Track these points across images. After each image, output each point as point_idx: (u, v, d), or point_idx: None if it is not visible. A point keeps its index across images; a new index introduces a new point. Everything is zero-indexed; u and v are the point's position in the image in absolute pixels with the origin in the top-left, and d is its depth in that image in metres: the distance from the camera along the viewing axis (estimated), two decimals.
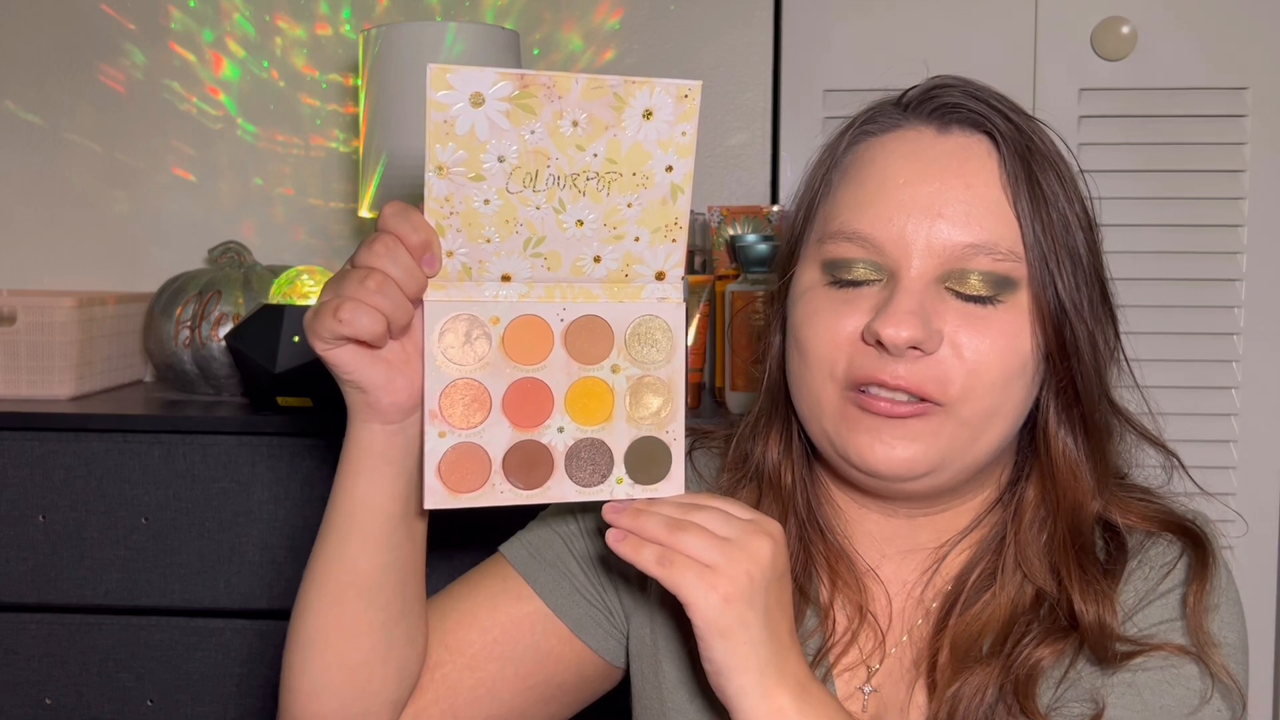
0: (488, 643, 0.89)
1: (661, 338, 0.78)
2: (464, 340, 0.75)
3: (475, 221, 0.73)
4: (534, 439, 0.76)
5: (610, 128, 0.73)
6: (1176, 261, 1.71)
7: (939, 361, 0.78)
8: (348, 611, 0.80)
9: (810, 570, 0.87)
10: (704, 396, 1.53)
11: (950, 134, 0.81)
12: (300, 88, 1.81)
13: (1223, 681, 0.77)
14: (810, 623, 0.86)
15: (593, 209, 0.75)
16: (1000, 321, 0.79)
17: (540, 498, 0.76)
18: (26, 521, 1.33)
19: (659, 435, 0.78)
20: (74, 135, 1.81)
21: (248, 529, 1.33)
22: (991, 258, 0.78)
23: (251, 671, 1.34)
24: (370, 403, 0.76)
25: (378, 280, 0.71)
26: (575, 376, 0.77)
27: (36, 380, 1.45)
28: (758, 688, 0.72)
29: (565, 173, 0.73)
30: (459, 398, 0.75)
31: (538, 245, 0.75)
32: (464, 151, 0.71)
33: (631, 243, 0.76)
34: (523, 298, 0.76)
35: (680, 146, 0.75)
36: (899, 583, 0.87)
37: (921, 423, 0.79)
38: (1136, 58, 1.72)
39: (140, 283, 1.76)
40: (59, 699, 1.35)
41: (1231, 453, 1.72)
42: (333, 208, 1.81)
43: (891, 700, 0.85)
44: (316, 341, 0.73)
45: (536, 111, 0.71)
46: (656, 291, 0.78)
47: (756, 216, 1.65)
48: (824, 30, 1.75)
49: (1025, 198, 0.79)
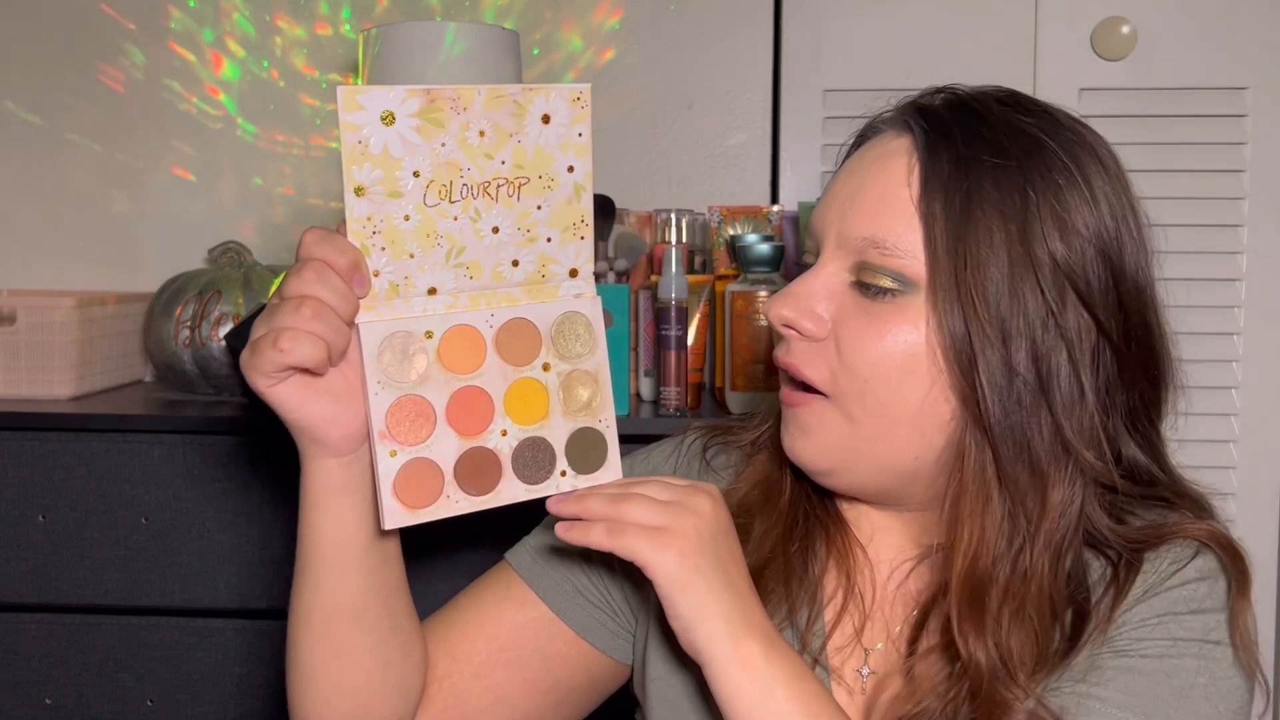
0: (494, 650, 0.89)
1: (584, 332, 0.81)
2: (402, 357, 0.76)
3: (398, 239, 0.75)
4: (480, 445, 0.78)
5: (514, 134, 0.76)
6: (1176, 261, 1.71)
7: (822, 349, 0.80)
8: (337, 640, 0.81)
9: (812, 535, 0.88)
10: (704, 396, 1.53)
11: (895, 138, 0.82)
12: (300, 88, 1.81)
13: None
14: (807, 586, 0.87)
15: (506, 215, 0.77)
16: (888, 318, 0.78)
17: (493, 502, 0.78)
18: (26, 521, 1.33)
19: (593, 425, 0.80)
20: (74, 135, 1.81)
21: (248, 529, 1.33)
22: (880, 252, 0.78)
23: (251, 671, 1.34)
24: (320, 439, 0.75)
25: (313, 306, 0.71)
26: (511, 379, 0.79)
27: (36, 380, 1.45)
28: (726, 636, 0.73)
29: (477, 182, 0.76)
30: (404, 415, 0.76)
31: (459, 255, 0.77)
32: (380, 170, 0.73)
33: (545, 244, 0.79)
34: (450, 309, 0.78)
35: (578, 147, 0.78)
36: (892, 562, 0.87)
37: (808, 412, 0.81)
38: (1136, 58, 1.72)
39: (140, 283, 1.77)
40: (59, 699, 1.35)
41: (1231, 453, 1.72)
42: (333, 208, 1.81)
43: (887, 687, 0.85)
44: (259, 379, 0.72)
45: (445, 124, 0.74)
46: (572, 289, 0.81)
47: (756, 216, 1.65)
48: (824, 30, 1.76)
49: (940, 201, 0.77)
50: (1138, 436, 0.83)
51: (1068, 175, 0.78)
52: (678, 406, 1.38)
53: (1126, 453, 0.82)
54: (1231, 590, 0.78)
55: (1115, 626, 0.78)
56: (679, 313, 1.38)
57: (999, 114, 0.80)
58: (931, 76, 0.90)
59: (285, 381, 0.73)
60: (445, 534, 0.89)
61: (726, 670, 0.73)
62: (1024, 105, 0.82)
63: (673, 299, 1.37)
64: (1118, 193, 0.81)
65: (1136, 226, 0.81)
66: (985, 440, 0.76)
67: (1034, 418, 0.76)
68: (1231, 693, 0.77)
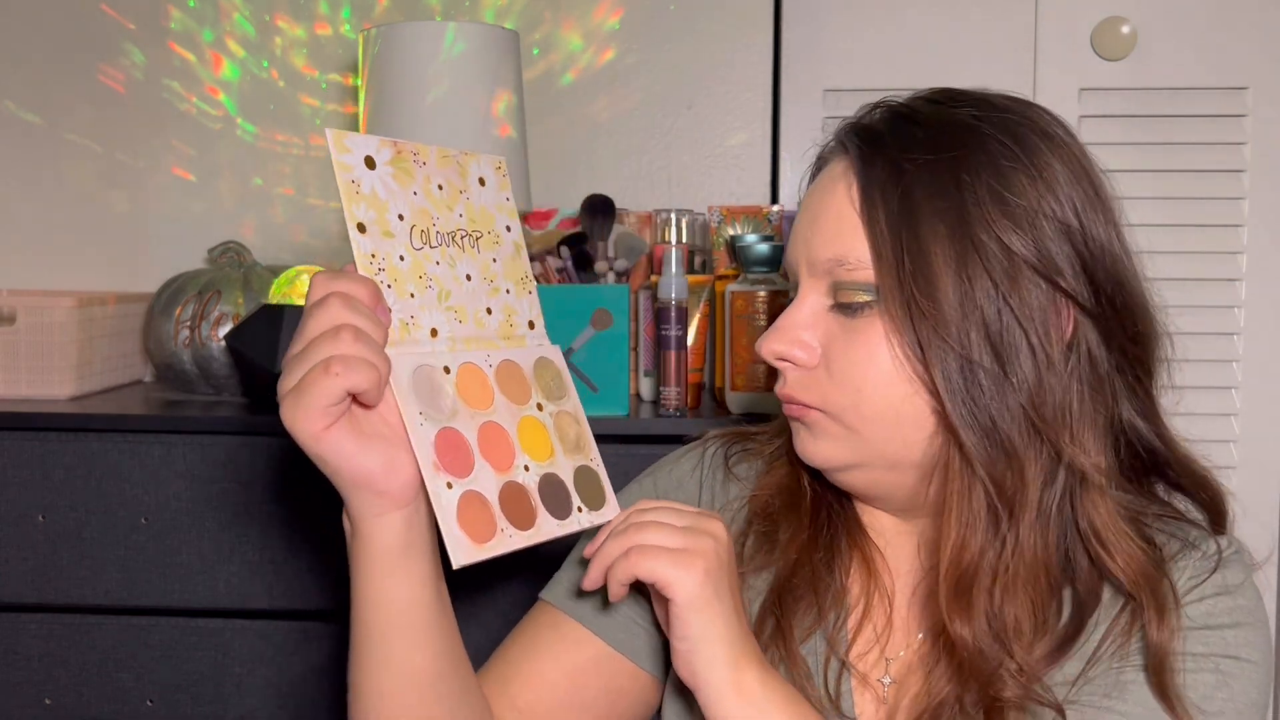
0: (558, 694, 0.88)
1: (554, 378, 0.83)
2: (431, 390, 0.74)
3: (399, 278, 0.75)
4: (513, 480, 0.77)
5: (463, 192, 0.80)
6: (1176, 261, 1.71)
7: (816, 375, 0.82)
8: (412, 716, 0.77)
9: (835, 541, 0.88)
10: (704, 397, 1.53)
11: (837, 162, 0.84)
12: (300, 88, 1.81)
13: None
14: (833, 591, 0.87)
15: (472, 264, 0.80)
16: (864, 332, 0.80)
17: (536, 538, 0.76)
18: (26, 521, 1.33)
19: (588, 463, 0.82)
20: (74, 135, 1.81)
21: (248, 529, 1.33)
22: (848, 268, 0.80)
23: (251, 671, 1.34)
24: (382, 490, 0.71)
25: (352, 332, 0.67)
26: (518, 416, 0.80)
27: (36, 380, 1.45)
28: (727, 660, 0.74)
29: (445, 230, 0.78)
30: (448, 447, 0.73)
31: (447, 299, 0.78)
32: (373, 211, 0.74)
33: (505, 294, 0.82)
34: (450, 350, 0.78)
35: (508, 209, 0.83)
36: (909, 571, 0.88)
37: (820, 423, 0.82)
38: (1136, 58, 1.72)
39: (140, 283, 1.77)
40: (59, 699, 1.35)
41: (1231, 453, 1.72)
42: (333, 208, 1.81)
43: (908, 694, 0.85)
44: (309, 424, 0.68)
45: (413, 175, 0.77)
46: (535, 338, 0.84)
47: (756, 216, 1.65)
48: (824, 30, 1.76)
49: (879, 208, 0.78)
50: (1132, 398, 0.84)
51: (1008, 154, 0.78)
52: (678, 406, 1.37)
53: (1124, 415, 0.83)
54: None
55: (1135, 640, 0.78)
56: (679, 313, 1.38)
57: (929, 112, 0.81)
58: (931, 77, 0.91)
59: (335, 426, 0.69)
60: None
61: (723, 694, 0.75)
62: (957, 98, 0.83)
63: (673, 299, 1.37)
64: (1067, 161, 0.80)
65: (1093, 189, 0.81)
66: (956, 431, 0.77)
67: (998, 400, 0.76)
68: (1248, 709, 0.77)
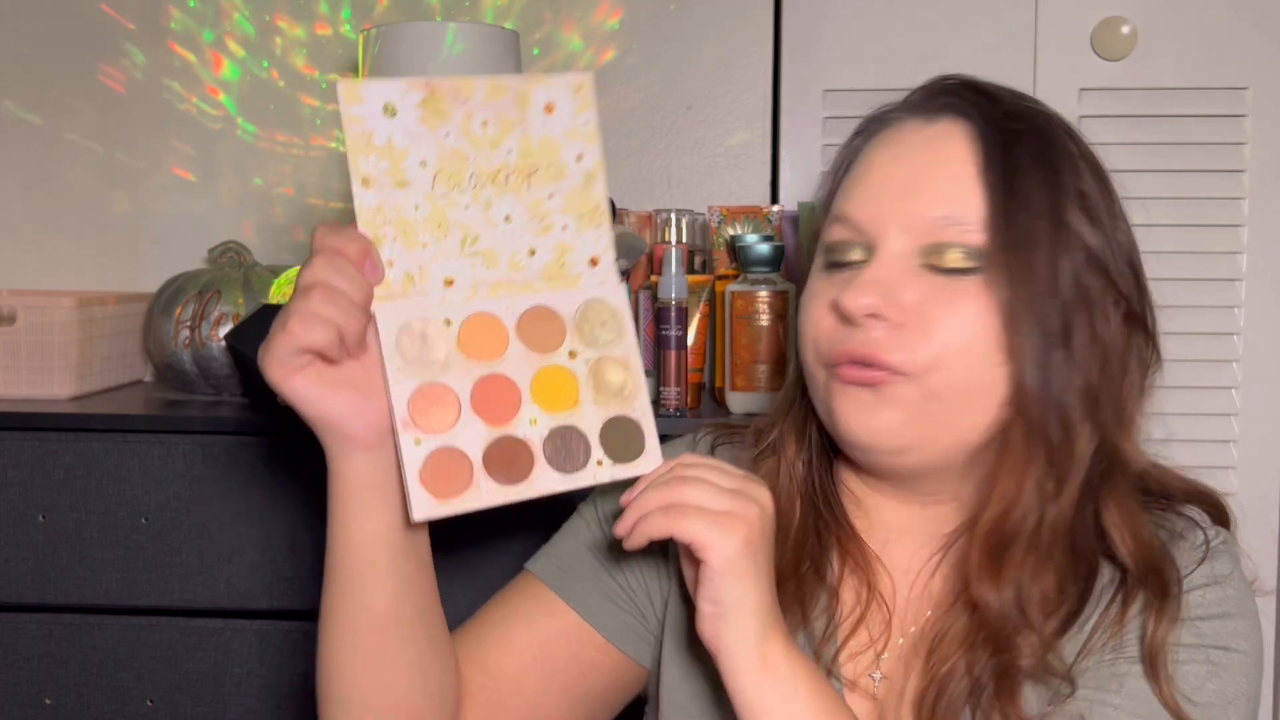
0: (527, 661, 0.89)
1: (609, 318, 0.79)
2: (421, 345, 0.75)
3: (409, 229, 0.74)
4: (509, 434, 0.76)
5: (518, 124, 0.75)
6: (1176, 261, 1.71)
7: (906, 332, 0.79)
8: (373, 651, 0.79)
9: (824, 552, 0.88)
10: (704, 396, 1.53)
11: (935, 122, 0.84)
12: (300, 88, 1.81)
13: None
14: (822, 601, 0.87)
15: (517, 203, 0.76)
16: (970, 295, 0.79)
17: (526, 492, 0.76)
18: (26, 521, 1.33)
19: (627, 413, 0.78)
20: (74, 135, 1.81)
21: (248, 529, 1.33)
22: (961, 229, 0.79)
23: (251, 671, 1.34)
24: (345, 433, 0.75)
25: (321, 291, 0.71)
26: (536, 366, 0.77)
27: (36, 380, 1.45)
28: (757, 631, 0.73)
29: (485, 170, 0.75)
30: (427, 403, 0.74)
31: (473, 244, 0.76)
32: (386, 161, 0.73)
33: (560, 232, 0.78)
34: (468, 299, 0.76)
35: (585, 135, 0.77)
36: (908, 571, 0.88)
37: (891, 389, 0.79)
38: (1136, 58, 1.72)
39: (140, 283, 1.76)
40: (59, 699, 1.35)
41: (1231, 453, 1.72)
42: (333, 208, 1.81)
43: (898, 687, 0.85)
44: (275, 369, 0.73)
45: (447, 115, 0.74)
46: (594, 278, 0.79)
47: (756, 216, 1.65)
48: (824, 30, 1.76)
49: (1000, 176, 0.80)
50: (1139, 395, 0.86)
51: (1072, 146, 0.84)
52: (678, 406, 1.38)
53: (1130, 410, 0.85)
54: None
55: (1127, 631, 0.79)
56: (679, 313, 1.38)
57: (1009, 96, 0.85)
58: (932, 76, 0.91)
59: (302, 373, 0.73)
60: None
61: (747, 666, 0.73)
62: (1014, 90, 0.87)
63: (673, 299, 1.37)
64: (1095, 167, 0.86)
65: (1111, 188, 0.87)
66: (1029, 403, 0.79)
67: (1067, 376, 0.79)
68: (1239, 699, 0.78)
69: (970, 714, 0.79)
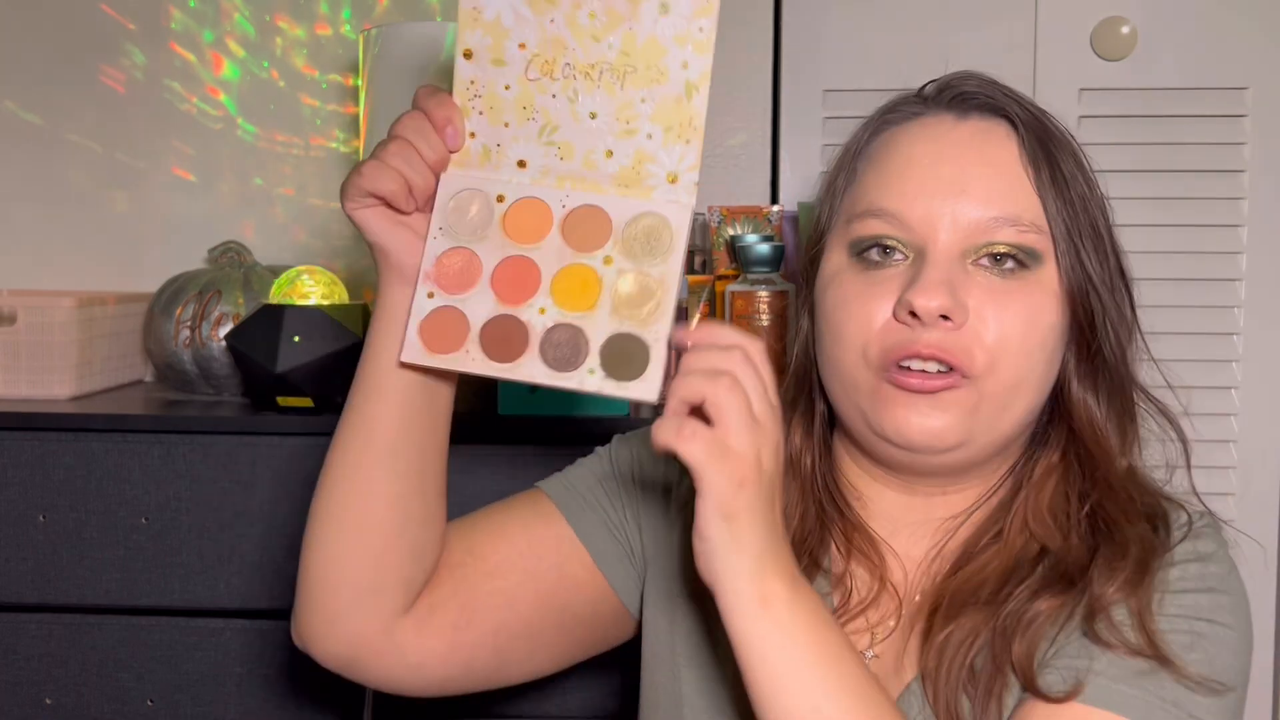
0: (512, 554, 0.91)
1: (663, 237, 0.77)
2: (469, 212, 0.79)
3: (496, 105, 0.77)
4: (514, 314, 0.78)
5: (626, 20, 0.74)
6: (1176, 261, 1.71)
7: (967, 334, 0.81)
8: (366, 477, 0.83)
9: (825, 543, 0.88)
10: None
11: (969, 119, 0.85)
12: (300, 88, 1.81)
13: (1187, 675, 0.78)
14: (820, 588, 0.87)
15: (607, 102, 0.76)
16: (1025, 295, 0.82)
17: (509, 373, 0.77)
18: (26, 521, 1.33)
19: (641, 334, 0.75)
20: (74, 135, 1.81)
21: (248, 529, 1.33)
22: (1016, 229, 0.82)
23: (251, 671, 1.34)
24: (394, 264, 0.81)
25: (398, 145, 0.78)
26: (566, 261, 0.78)
27: (36, 380, 1.45)
28: (753, 571, 0.70)
29: (581, 63, 0.75)
30: (453, 264, 0.79)
31: (552, 134, 0.77)
32: (490, 37, 0.75)
33: (644, 139, 0.76)
34: (535, 183, 0.78)
35: (697, 43, 0.74)
36: (911, 558, 0.89)
37: (951, 395, 0.81)
38: (1136, 58, 1.72)
39: (140, 283, 1.76)
40: (59, 699, 1.35)
41: (1231, 453, 1.72)
42: (333, 208, 1.81)
43: (890, 662, 0.86)
44: (346, 201, 0.79)
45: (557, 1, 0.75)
46: (668, 194, 0.77)
47: (756, 217, 1.65)
48: (824, 30, 1.75)
49: (1046, 175, 0.83)
50: None
51: (1070, 138, 0.88)
52: None
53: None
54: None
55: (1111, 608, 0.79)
56: (679, 313, 1.38)
57: (1020, 94, 0.88)
58: (931, 76, 0.91)
59: (370, 208, 0.79)
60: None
61: (742, 606, 0.71)
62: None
63: None
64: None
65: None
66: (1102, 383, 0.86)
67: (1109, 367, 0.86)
68: (1225, 671, 0.78)
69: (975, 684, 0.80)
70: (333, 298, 1.43)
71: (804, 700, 0.71)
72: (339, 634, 0.86)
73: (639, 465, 0.96)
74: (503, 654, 0.91)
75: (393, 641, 0.86)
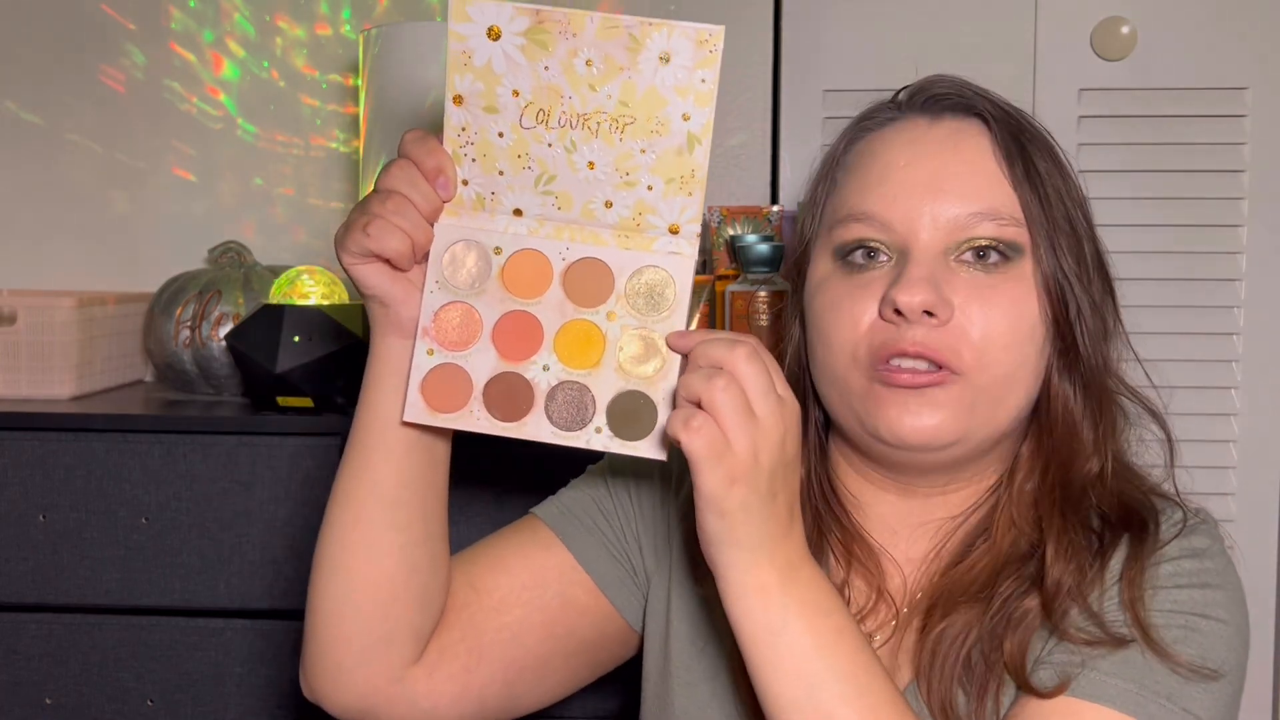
0: (515, 587, 0.90)
1: (666, 293, 0.76)
2: (465, 265, 0.77)
3: (490, 153, 0.75)
4: (518, 372, 0.76)
5: (625, 69, 0.71)
6: (1176, 261, 1.71)
7: (952, 330, 0.81)
8: (370, 530, 0.82)
9: (824, 552, 0.88)
10: None
11: (942, 120, 0.86)
12: (300, 88, 1.81)
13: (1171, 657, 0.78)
14: None
15: (605, 152, 0.74)
16: (1009, 289, 0.82)
17: (515, 432, 0.76)
18: (26, 521, 1.33)
19: (648, 392, 0.75)
20: (74, 135, 1.81)
21: (248, 529, 1.33)
22: (996, 223, 0.82)
23: (251, 671, 1.34)
24: (390, 317, 0.79)
25: (396, 202, 0.76)
26: (569, 317, 0.76)
27: (36, 380, 1.45)
28: (746, 563, 0.72)
29: (577, 112, 0.73)
30: (451, 319, 0.77)
31: (549, 183, 0.75)
32: (481, 83, 0.73)
33: (644, 191, 0.75)
34: (532, 233, 0.77)
35: (699, 94, 0.71)
36: (911, 560, 0.89)
37: (942, 391, 0.81)
38: (1136, 58, 1.72)
39: (140, 283, 1.76)
40: (59, 699, 1.35)
41: (1231, 453, 1.72)
42: (333, 208, 1.81)
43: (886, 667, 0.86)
44: (345, 255, 0.77)
45: (551, 48, 0.72)
46: (669, 245, 0.76)
47: (756, 217, 1.65)
48: (824, 30, 1.75)
49: (1020, 170, 0.83)
50: None
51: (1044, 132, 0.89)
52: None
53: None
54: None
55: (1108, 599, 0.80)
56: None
57: (991, 93, 0.89)
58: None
59: (369, 263, 0.77)
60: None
61: (737, 593, 0.73)
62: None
63: None
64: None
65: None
66: (1077, 377, 0.85)
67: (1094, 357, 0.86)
68: (1218, 660, 0.78)
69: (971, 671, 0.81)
70: (333, 298, 1.43)
71: (799, 685, 0.72)
72: (350, 685, 0.85)
73: (633, 480, 0.96)
74: (513, 687, 0.90)
75: (404, 690, 0.86)
